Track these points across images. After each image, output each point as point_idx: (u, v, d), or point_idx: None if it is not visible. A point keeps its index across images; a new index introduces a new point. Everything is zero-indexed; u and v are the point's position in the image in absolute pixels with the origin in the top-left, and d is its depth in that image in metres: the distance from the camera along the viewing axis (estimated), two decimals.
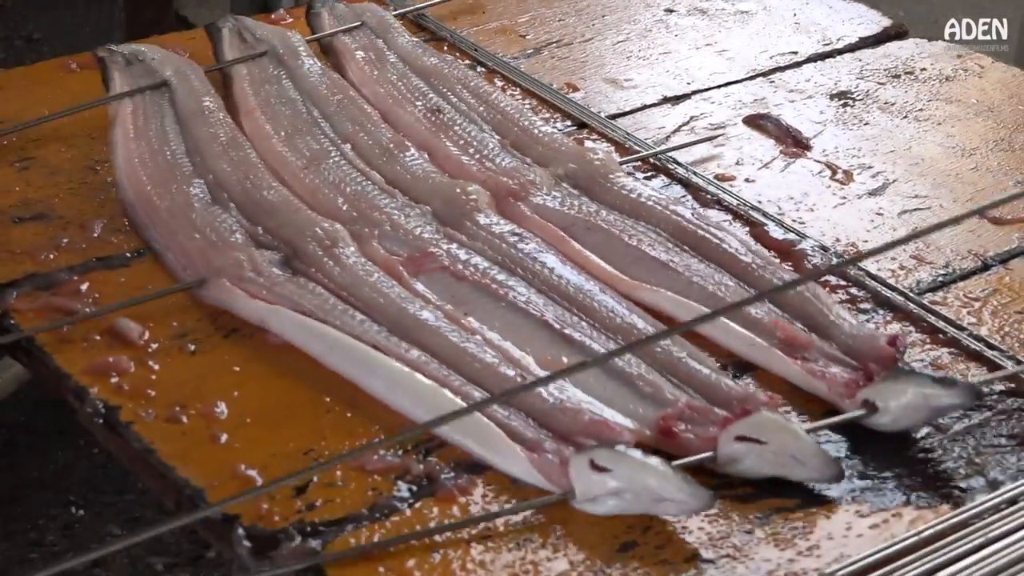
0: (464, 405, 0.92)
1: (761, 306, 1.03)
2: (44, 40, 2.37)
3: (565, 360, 0.98)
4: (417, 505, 0.87)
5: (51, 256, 1.07)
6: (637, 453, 0.86)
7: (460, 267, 1.04)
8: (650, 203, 1.13)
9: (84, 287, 1.04)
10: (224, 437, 0.92)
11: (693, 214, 1.13)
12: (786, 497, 0.90)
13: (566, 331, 0.99)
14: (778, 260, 1.10)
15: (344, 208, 1.11)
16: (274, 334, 1.00)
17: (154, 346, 0.99)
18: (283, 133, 1.20)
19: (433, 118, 1.21)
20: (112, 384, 0.96)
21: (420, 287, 1.03)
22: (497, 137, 1.19)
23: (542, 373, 0.95)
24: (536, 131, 1.20)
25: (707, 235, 1.10)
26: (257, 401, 0.94)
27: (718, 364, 0.98)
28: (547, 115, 1.29)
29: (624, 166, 1.19)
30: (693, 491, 0.85)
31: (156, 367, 0.98)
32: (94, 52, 1.28)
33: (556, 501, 0.87)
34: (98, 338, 0.99)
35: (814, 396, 0.96)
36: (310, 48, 1.30)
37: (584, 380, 0.95)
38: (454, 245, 1.06)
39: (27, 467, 2.46)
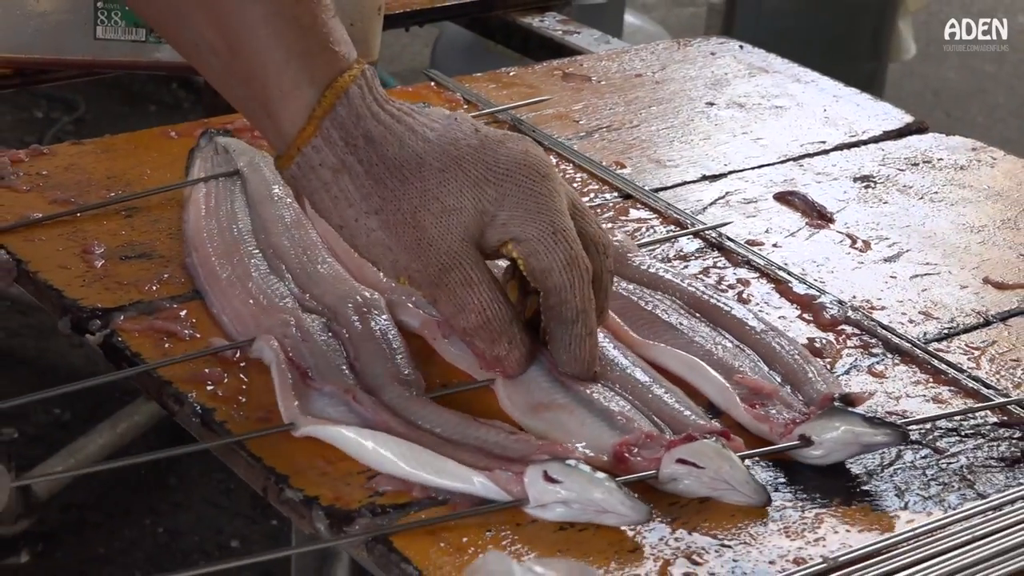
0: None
1: (745, 360, 1.15)
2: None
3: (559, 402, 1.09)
4: None
5: (154, 287, 1.21)
6: (587, 468, 0.98)
7: None
8: (667, 276, 1.24)
9: (183, 313, 1.18)
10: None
11: (707, 286, 1.24)
12: (799, 498, 1.03)
13: (565, 381, 1.10)
14: (799, 312, 1.24)
15: (384, 280, 1.19)
16: None
17: (243, 363, 1.13)
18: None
19: None
20: (208, 391, 1.09)
21: (449, 347, 1.14)
22: None
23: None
24: None
25: (718, 303, 1.21)
26: None
27: (698, 406, 1.09)
28: (596, 187, 1.43)
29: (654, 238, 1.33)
30: (633, 505, 0.96)
31: (246, 379, 1.11)
32: (200, 132, 1.40)
33: (511, 506, 0.98)
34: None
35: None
36: None
37: (567, 419, 1.06)
38: None
39: (95, 544, 2.59)
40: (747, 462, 1.04)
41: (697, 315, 1.20)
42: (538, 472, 0.97)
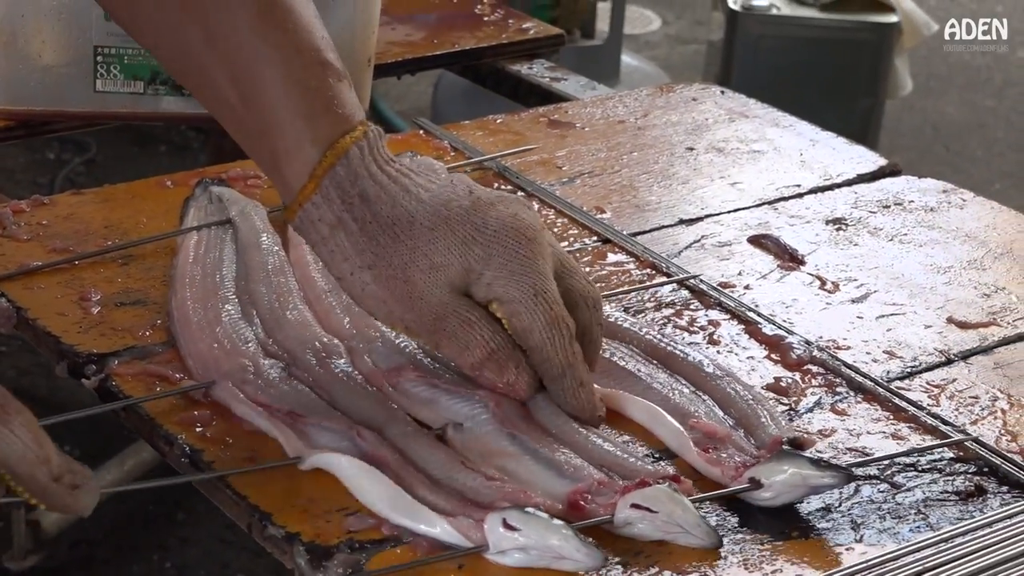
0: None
1: (701, 405, 1.19)
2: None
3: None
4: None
5: (147, 333, 1.26)
6: (544, 515, 1.03)
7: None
8: (625, 325, 1.29)
9: (175, 359, 1.24)
10: (290, 475, 1.10)
11: (663, 334, 1.29)
12: (758, 532, 1.08)
13: (512, 432, 1.14)
14: (767, 352, 1.30)
15: (347, 327, 1.25)
16: None
17: (211, 404, 1.17)
18: (321, 263, 1.30)
19: None
20: (197, 433, 1.15)
21: (395, 394, 1.18)
22: None
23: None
24: None
25: (674, 350, 1.26)
26: None
27: (642, 452, 1.15)
28: (576, 232, 1.48)
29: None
30: (588, 551, 1.01)
31: (234, 421, 1.17)
32: (196, 182, 1.46)
33: (472, 552, 1.03)
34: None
35: None
36: None
37: (515, 467, 1.11)
38: (428, 359, 1.21)
39: None
40: (705, 503, 1.09)
41: (654, 362, 1.25)
42: (497, 520, 1.02)
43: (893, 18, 3.58)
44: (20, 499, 0.97)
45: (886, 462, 1.17)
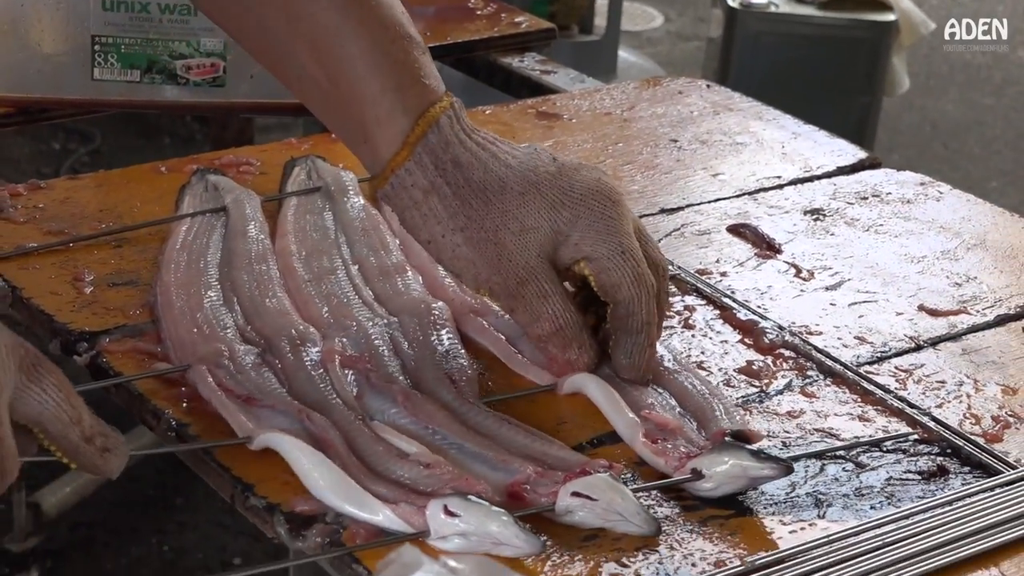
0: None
1: (658, 397, 1.22)
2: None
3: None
4: None
5: (138, 312, 1.30)
6: (484, 503, 1.05)
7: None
8: None
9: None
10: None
11: None
12: (724, 507, 1.12)
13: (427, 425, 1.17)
14: (740, 337, 1.33)
15: (325, 315, 1.28)
16: None
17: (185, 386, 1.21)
18: (304, 252, 1.36)
19: None
20: (183, 408, 1.19)
21: (346, 377, 1.21)
22: None
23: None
24: None
25: None
26: None
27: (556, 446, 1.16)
28: None
29: None
30: (527, 538, 1.04)
31: None
32: (193, 170, 1.50)
33: (413, 537, 1.05)
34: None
35: None
36: (359, 187, 1.47)
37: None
38: (390, 351, 1.25)
39: (103, 561, 2.68)
40: (654, 493, 1.13)
41: None
42: (439, 506, 1.05)
43: (891, 16, 3.61)
44: (53, 457, 1.01)
45: (852, 442, 1.21)
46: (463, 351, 1.26)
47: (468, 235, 1.19)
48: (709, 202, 1.59)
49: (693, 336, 1.34)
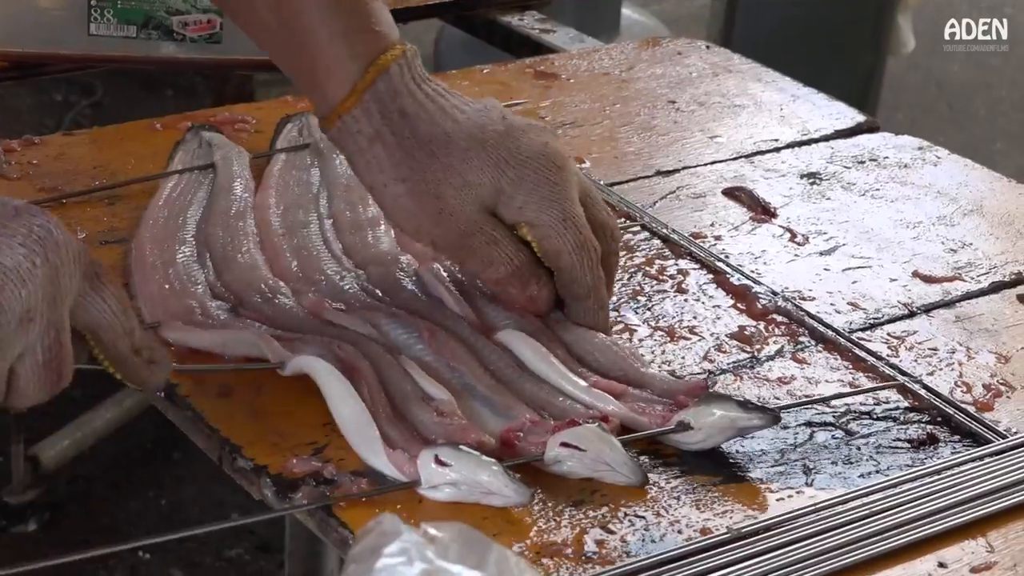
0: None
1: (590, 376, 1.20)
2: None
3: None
4: None
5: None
6: (475, 452, 1.06)
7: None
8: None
9: None
10: (262, 411, 1.14)
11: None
12: (711, 474, 1.12)
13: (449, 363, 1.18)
14: (733, 302, 1.33)
15: (294, 269, 1.28)
16: None
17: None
18: (282, 207, 1.36)
19: None
20: (173, 369, 1.19)
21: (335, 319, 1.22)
22: None
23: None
24: None
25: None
26: (293, 388, 1.16)
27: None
28: None
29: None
30: (517, 487, 1.04)
31: (207, 358, 1.20)
32: (188, 127, 1.50)
33: (405, 486, 1.06)
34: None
35: None
36: None
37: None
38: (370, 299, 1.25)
39: (100, 515, 2.69)
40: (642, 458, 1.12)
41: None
42: (430, 455, 1.06)
43: None
44: (101, 367, 1.03)
45: (842, 409, 1.20)
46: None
47: (410, 187, 1.19)
48: (705, 164, 1.59)
49: (686, 300, 1.33)
